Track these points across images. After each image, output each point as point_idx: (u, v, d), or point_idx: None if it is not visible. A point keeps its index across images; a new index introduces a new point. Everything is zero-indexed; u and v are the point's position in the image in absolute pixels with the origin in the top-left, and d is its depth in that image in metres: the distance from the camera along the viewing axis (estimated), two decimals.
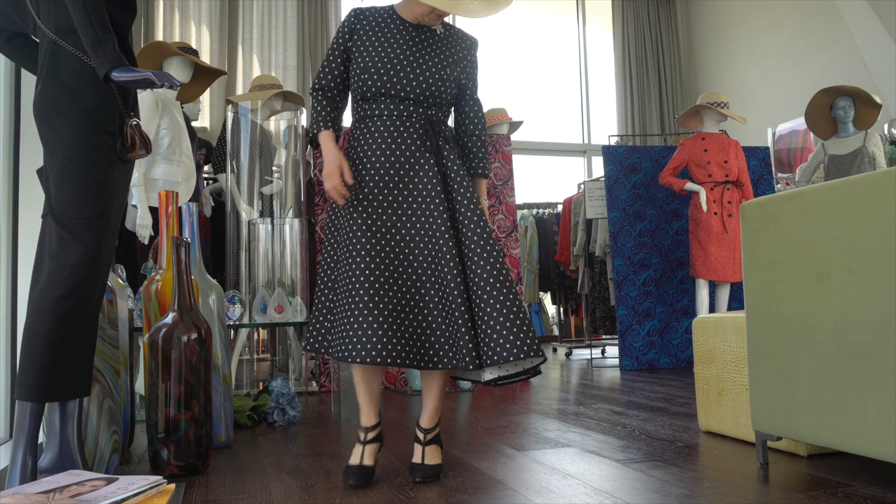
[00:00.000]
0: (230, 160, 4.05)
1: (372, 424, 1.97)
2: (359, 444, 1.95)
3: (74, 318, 1.77)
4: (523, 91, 8.28)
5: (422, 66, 1.95)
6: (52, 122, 1.80)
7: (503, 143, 4.59)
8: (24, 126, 2.63)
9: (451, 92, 1.99)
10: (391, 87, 1.93)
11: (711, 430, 2.42)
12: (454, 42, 2.04)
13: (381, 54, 1.94)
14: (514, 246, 4.50)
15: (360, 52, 1.96)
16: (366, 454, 1.92)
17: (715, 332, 2.39)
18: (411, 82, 1.94)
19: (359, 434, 1.98)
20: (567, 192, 8.69)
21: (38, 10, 1.87)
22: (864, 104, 4.54)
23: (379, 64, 1.93)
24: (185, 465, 2.05)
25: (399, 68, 1.93)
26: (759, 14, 7.37)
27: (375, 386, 2.00)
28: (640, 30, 8.48)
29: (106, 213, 1.83)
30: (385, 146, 1.93)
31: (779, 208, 1.83)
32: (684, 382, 3.87)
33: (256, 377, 4.51)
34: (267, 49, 6.87)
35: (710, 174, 4.43)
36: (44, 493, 1.59)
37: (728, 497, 1.65)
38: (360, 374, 1.99)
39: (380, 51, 1.95)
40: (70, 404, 1.87)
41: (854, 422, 1.60)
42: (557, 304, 7.28)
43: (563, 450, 2.24)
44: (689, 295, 4.94)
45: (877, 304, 1.54)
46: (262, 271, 3.82)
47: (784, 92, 7.02)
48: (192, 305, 2.18)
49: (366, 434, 1.96)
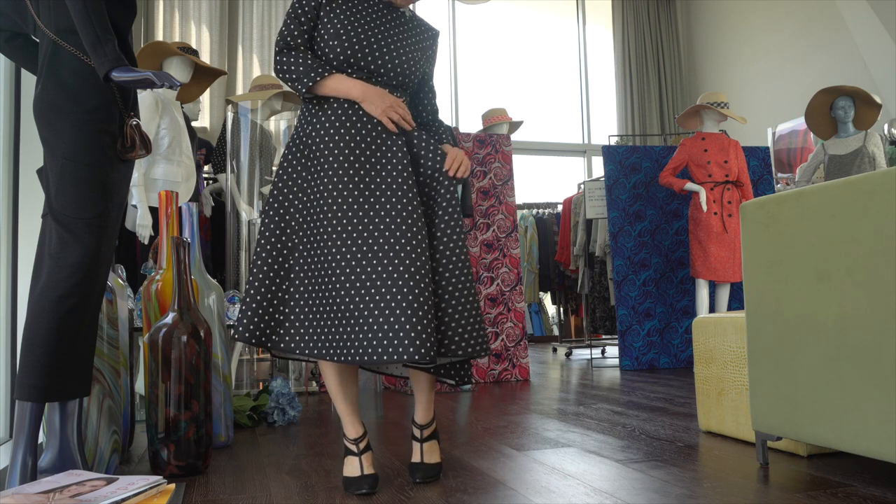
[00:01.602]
0: (230, 160, 4.05)
1: (360, 434, 1.87)
2: (353, 455, 1.86)
3: (74, 318, 1.77)
4: (523, 91, 8.28)
5: (393, 44, 1.89)
6: (52, 122, 1.80)
7: (503, 143, 4.59)
8: (24, 126, 2.63)
9: (417, 76, 1.95)
10: (362, 59, 1.84)
11: (711, 430, 2.42)
12: (421, 29, 2.00)
13: (353, 24, 1.86)
14: (514, 246, 4.50)
15: (330, 18, 1.87)
16: (364, 464, 1.83)
17: (715, 332, 2.39)
18: (383, 56, 1.87)
19: (348, 447, 1.87)
20: (567, 192, 8.69)
21: (38, 10, 1.87)
22: (864, 104, 4.54)
23: (352, 33, 1.84)
24: (185, 465, 2.05)
25: (373, 41, 1.86)
26: (759, 14, 7.37)
27: (353, 392, 1.92)
28: (640, 30, 8.48)
29: (106, 213, 1.83)
30: (350, 124, 1.84)
31: (779, 208, 1.83)
32: (684, 382, 3.87)
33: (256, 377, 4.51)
34: (267, 49, 6.87)
35: (710, 174, 4.43)
36: (44, 493, 1.59)
37: (728, 497, 1.65)
38: (336, 380, 1.88)
39: (353, 20, 1.86)
40: (70, 404, 1.87)
41: (854, 422, 1.60)
42: (557, 304, 7.28)
43: (563, 450, 2.23)
44: (689, 295, 4.94)
45: (877, 304, 1.54)
46: None
47: (784, 92, 7.02)
48: (191, 305, 2.18)
49: (357, 445, 1.86)
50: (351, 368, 1.93)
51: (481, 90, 8.10)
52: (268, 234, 1.85)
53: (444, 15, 8.02)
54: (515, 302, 4.44)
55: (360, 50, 1.85)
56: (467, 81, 8.05)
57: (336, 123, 1.85)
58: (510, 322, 4.41)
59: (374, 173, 1.82)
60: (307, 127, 1.89)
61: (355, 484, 1.79)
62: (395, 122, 1.86)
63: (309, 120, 1.90)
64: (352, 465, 1.85)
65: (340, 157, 1.81)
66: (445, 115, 7.92)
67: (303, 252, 1.83)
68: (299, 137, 1.91)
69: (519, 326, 4.43)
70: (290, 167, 1.88)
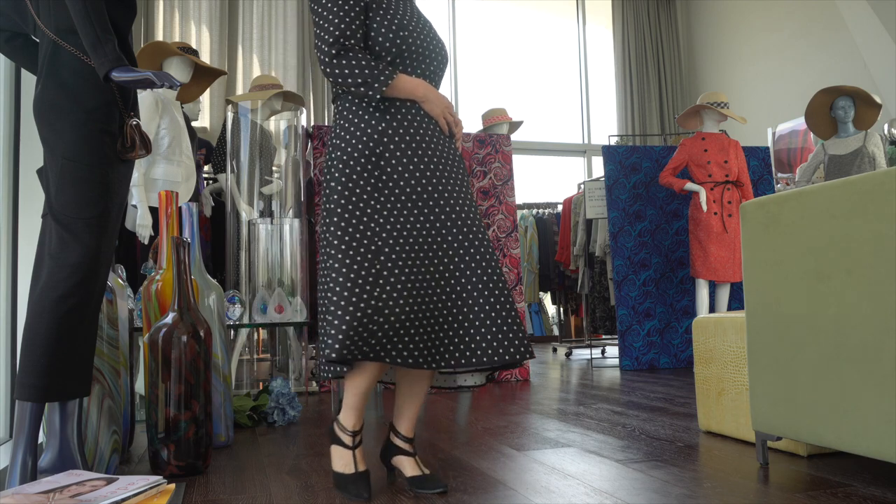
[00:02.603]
0: (230, 160, 4.05)
1: (359, 428, 1.79)
2: (345, 448, 1.77)
3: (74, 318, 1.77)
4: (523, 91, 8.28)
5: (432, 35, 1.86)
6: (52, 122, 1.80)
7: (503, 143, 4.59)
8: (24, 126, 2.63)
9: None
10: (416, 50, 1.78)
11: (711, 430, 2.42)
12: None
13: (401, 14, 1.79)
14: (514, 246, 4.50)
15: (383, 7, 1.77)
16: (358, 460, 1.77)
17: (715, 332, 2.39)
18: (429, 48, 1.83)
19: (342, 438, 1.78)
20: (567, 192, 8.69)
21: (38, 10, 1.87)
22: (864, 104, 4.54)
23: (405, 22, 1.77)
24: (185, 465, 2.05)
25: (420, 33, 1.82)
26: (759, 14, 7.37)
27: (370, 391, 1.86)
28: (640, 30, 8.48)
29: (106, 213, 1.83)
30: (417, 123, 1.78)
31: (779, 208, 1.83)
32: (684, 382, 3.87)
33: (256, 377, 4.51)
34: (267, 49, 6.87)
35: (710, 174, 4.43)
36: (44, 493, 1.59)
37: (728, 497, 1.65)
38: (371, 383, 1.75)
39: (400, 10, 1.79)
40: (70, 404, 1.87)
41: (854, 422, 1.60)
42: (557, 304, 7.28)
43: (563, 450, 2.23)
44: (689, 295, 4.94)
45: (877, 304, 1.54)
46: (262, 271, 3.82)
47: (784, 92, 7.02)
48: (191, 305, 2.18)
49: (353, 438, 1.77)
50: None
51: (481, 90, 8.10)
52: (347, 239, 1.69)
53: (444, 15, 8.02)
54: (515, 302, 4.44)
55: (414, 42, 1.79)
56: (467, 81, 8.05)
57: (404, 123, 1.78)
58: None
59: (444, 176, 1.79)
60: (377, 127, 1.76)
61: (353, 485, 1.73)
62: (448, 124, 1.84)
63: (370, 122, 1.77)
64: (344, 460, 1.77)
65: (415, 158, 1.76)
66: None
67: (390, 255, 1.70)
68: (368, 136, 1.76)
69: None
70: (364, 170, 1.74)
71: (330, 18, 1.70)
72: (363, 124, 1.77)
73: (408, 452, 1.82)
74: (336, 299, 1.63)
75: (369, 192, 1.73)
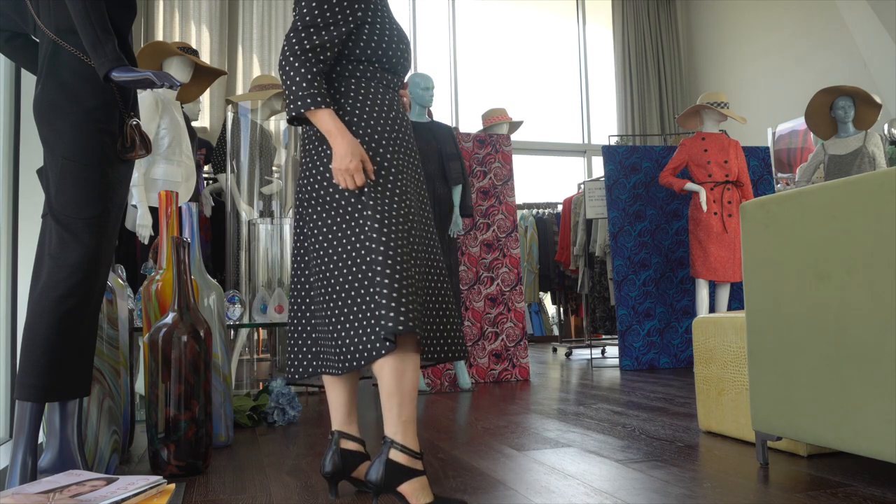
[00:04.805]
0: (230, 160, 4.05)
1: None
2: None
3: (74, 318, 1.77)
4: (523, 91, 8.28)
5: (406, 42, 1.85)
6: (52, 122, 1.80)
7: (503, 143, 4.59)
8: (24, 126, 2.63)
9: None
10: (397, 63, 1.79)
11: (711, 430, 2.42)
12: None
13: (390, 25, 1.78)
14: (514, 246, 4.50)
15: (379, 18, 1.75)
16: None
17: (715, 332, 2.39)
18: (405, 53, 1.82)
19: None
20: (567, 192, 8.69)
21: (38, 10, 1.87)
22: (864, 104, 4.54)
23: (393, 34, 1.78)
24: (185, 465, 2.05)
25: (404, 44, 1.81)
26: (759, 14, 7.37)
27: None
28: (640, 30, 8.48)
29: (106, 213, 1.83)
30: (401, 121, 1.78)
31: (779, 208, 1.83)
32: (684, 382, 3.87)
33: (256, 377, 4.51)
34: (267, 49, 6.87)
35: (710, 174, 4.43)
36: (44, 493, 1.59)
37: (728, 497, 1.65)
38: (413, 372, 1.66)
39: (388, 21, 1.79)
40: (70, 404, 1.87)
41: (854, 422, 1.60)
42: (557, 304, 7.28)
43: (563, 450, 2.23)
44: (689, 295, 4.94)
45: (877, 304, 1.54)
46: (262, 271, 3.82)
47: (784, 92, 7.02)
48: (191, 305, 2.18)
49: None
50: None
51: (481, 90, 8.10)
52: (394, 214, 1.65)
53: (444, 15, 8.02)
54: (515, 302, 4.44)
55: (395, 54, 1.77)
56: (467, 81, 8.05)
57: (396, 126, 1.77)
58: (510, 322, 4.41)
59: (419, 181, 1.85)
60: (387, 96, 1.76)
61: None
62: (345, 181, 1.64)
63: (383, 94, 1.76)
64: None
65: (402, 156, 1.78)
66: (445, 115, 7.92)
67: (416, 238, 1.71)
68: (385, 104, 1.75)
69: (519, 326, 4.43)
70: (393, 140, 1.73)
71: (326, 21, 1.65)
72: (376, 89, 1.75)
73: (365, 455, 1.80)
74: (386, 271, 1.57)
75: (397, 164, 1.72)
